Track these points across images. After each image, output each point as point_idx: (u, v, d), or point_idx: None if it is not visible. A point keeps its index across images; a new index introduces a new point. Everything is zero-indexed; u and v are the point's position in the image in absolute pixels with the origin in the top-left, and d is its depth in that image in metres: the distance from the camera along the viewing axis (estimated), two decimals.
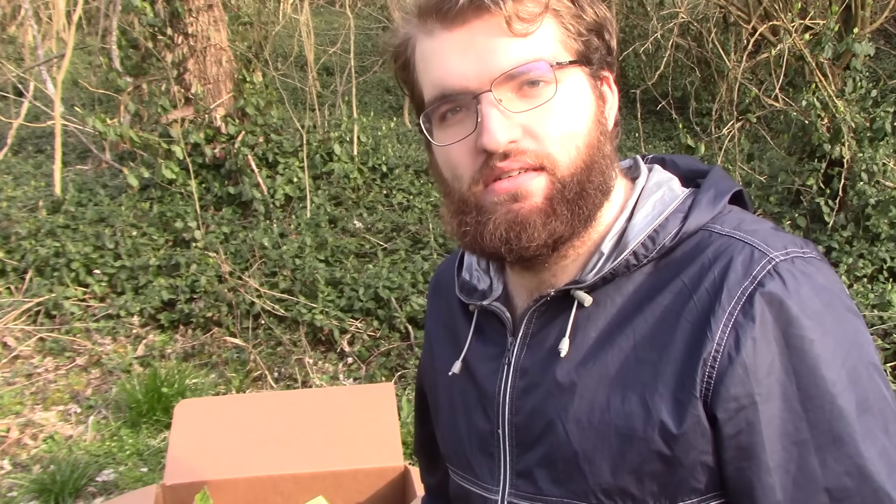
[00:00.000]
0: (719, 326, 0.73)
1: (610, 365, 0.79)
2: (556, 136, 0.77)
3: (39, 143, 7.24)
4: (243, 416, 1.92)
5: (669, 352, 0.75)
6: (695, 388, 0.73)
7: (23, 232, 4.80)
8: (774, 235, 0.78)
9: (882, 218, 4.60)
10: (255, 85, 5.68)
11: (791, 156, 5.22)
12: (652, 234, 0.79)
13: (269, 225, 5.08)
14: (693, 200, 0.81)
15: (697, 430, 0.74)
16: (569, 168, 0.78)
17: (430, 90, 0.80)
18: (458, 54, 0.77)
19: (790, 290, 0.73)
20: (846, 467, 0.71)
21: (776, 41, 5.23)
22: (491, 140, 0.75)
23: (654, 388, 0.76)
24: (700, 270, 0.76)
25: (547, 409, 0.82)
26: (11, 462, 3.34)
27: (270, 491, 1.70)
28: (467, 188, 0.80)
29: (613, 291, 0.80)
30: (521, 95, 0.77)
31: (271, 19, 8.58)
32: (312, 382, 3.82)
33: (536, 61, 0.76)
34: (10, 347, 4.11)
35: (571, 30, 0.79)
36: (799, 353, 0.72)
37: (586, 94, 0.81)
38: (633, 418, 0.76)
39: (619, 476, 0.78)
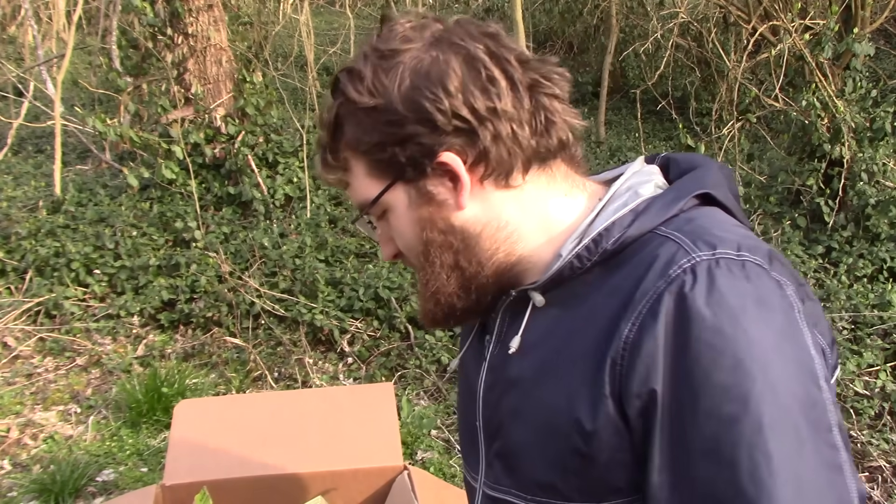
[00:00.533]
0: (627, 325, 0.73)
1: (546, 362, 0.81)
2: (404, 248, 0.89)
3: (39, 143, 7.24)
4: (243, 416, 1.92)
5: (588, 350, 0.76)
6: (604, 387, 0.74)
7: (23, 232, 4.80)
8: (712, 235, 0.75)
9: (882, 218, 4.60)
10: (255, 85, 5.68)
11: (791, 156, 5.22)
12: (596, 237, 0.80)
13: (269, 225, 5.08)
14: (647, 204, 0.81)
15: (610, 428, 0.74)
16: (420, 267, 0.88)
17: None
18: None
19: (698, 290, 0.70)
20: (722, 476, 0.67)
21: (776, 41, 5.23)
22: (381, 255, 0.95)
23: (576, 385, 0.77)
24: (630, 271, 0.76)
25: (502, 405, 0.86)
26: (11, 462, 3.34)
27: (270, 491, 1.70)
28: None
29: (565, 293, 0.82)
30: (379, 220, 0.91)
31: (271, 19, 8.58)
32: (312, 382, 3.82)
33: (360, 206, 0.88)
34: (10, 347, 4.12)
35: (375, 157, 0.83)
36: (694, 354, 0.69)
37: (406, 212, 0.86)
38: (557, 414, 0.78)
39: (548, 470, 0.80)
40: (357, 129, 0.82)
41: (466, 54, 0.80)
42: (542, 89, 0.82)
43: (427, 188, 0.83)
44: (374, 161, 0.83)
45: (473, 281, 0.86)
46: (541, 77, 0.82)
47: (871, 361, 3.59)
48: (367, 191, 0.85)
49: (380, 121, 0.81)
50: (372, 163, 0.83)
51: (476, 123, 0.79)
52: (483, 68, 0.80)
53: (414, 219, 0.85)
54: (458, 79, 0.79)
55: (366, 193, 0.85)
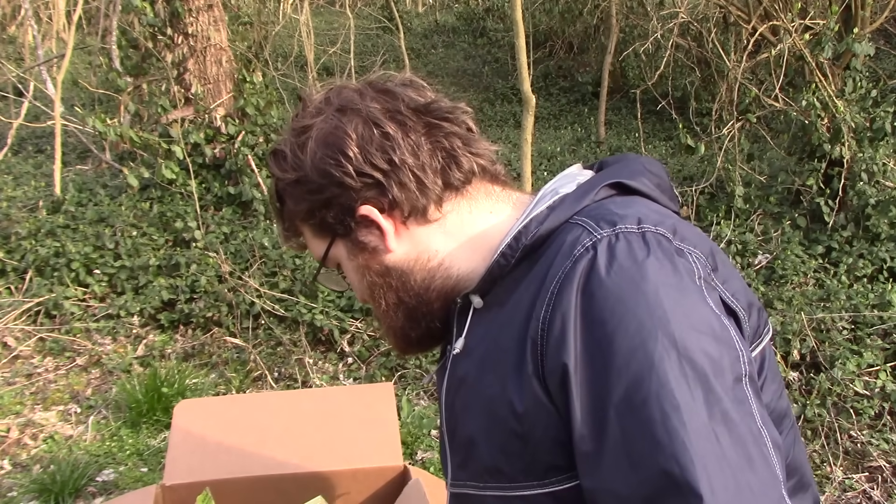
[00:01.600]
0: (542, 306, 0.78)
1: (484, 356, 0.87)
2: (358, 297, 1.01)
3: (39, 143, 7.25)
4: (243, 416, 1.92)
5: (514, 337, 0.81)
6: (528, 367, 0.79)
7: (23, 232, 4.80)
8: (615, 214, 0.80)
9: (882, 218, 4.60)
10: (255, 85, 5.68)
11: (791, 156, 5.23)
12: (516, 235, 0.86)
13: (269, 225, 5.08)
14: (562, 199, 0.87)
15: (539, 407, 0.78)
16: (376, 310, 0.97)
17: None
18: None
19: (599, 263, 0.75)
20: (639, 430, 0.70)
21: (776, 41, 5.23)
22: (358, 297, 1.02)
23: (507, 371, 0.81)
24: (545, 260, 0.82)
25: (455, 404, 0.92)
26: (11, 462, 3.34)
27: (270, 491, 1.70)
28: None
29: (500, 291, 0.88)
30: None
31: (271, 19, 8.59)
32: (312, 382, 3.82)
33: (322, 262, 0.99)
34: (10, 347, 4.12)
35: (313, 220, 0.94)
36: (599, 323, 0.74)
37: (348, 263, 0.97)
38: (495, 401, 0.83)
39: (493, 456, 0.84)
40: (291, 201, 0.95)
41: (364, 117, 0.90)
42: (439, 131, 0.91)
43: (359, 239, 0.94)
44: (312, 225, 0.95)
45: (418, 311, 0.95)
46: (437, 120, 0.92)
47: (871, 361, 3.59)
48: (317, 250, 0.98)
49: (304, 191, 0.93)
50: (312, 227, 0.96)
51: (380, 177, 0.89)
52: (377, 127, 0.89)
53: (355, 267, 0.96)
54: (355, 142, 0.89)
55: (318, 252, 0.98)
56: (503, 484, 0.85)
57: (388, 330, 0.98)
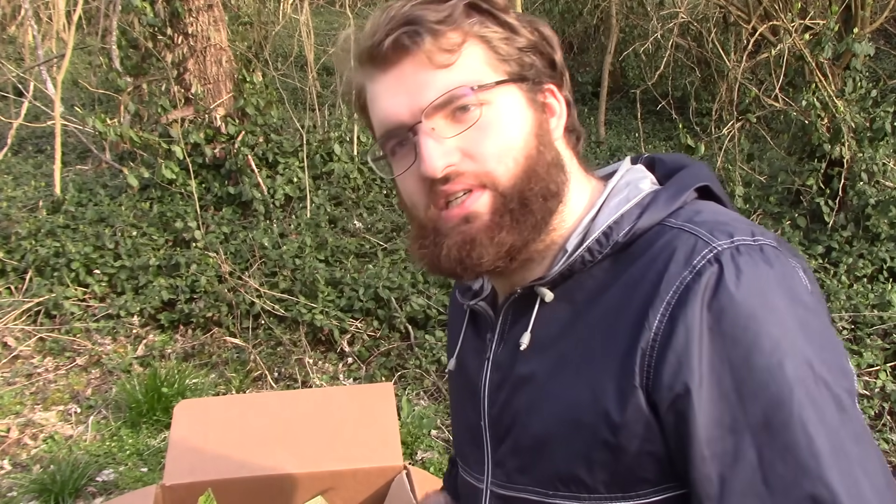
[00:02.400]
0: (656, 316, 0.74)
1: (564, 357, 0.82)
2: (491, 152, 0.81)
3: (39, 143, 7.25)
4: (243, 416, 1.92)
5: (615, 342, 0.77)
6: (634, 378, 0.75)
7: (23, 232, 4.80)
8: (726, 225, 0.78)
9: (882, 218, 4.60)
10: (255, 85, 5.68)
11: (791, 156, 5.22)
12: (606, 230, 0.82)
13: (269, 225, 5.08)
14: (652, 198, 0.83)
15: (639, 419, 0.75)
16: (508, 181, 0.82)
17: (378, 128, 0.87)
18: (391, 93, 0.83)
19: (727, 278, 0.72)
20: (780, 456, 0.69)
21: (776, 41, 5.23)
22: (428, 167, 0.80)
23: (601, 377, 0.78)
24: (647, 263, 0.78)
25: (513, 402, 0.87)
26: (11, 462, 3.34)
27: (270, 491, 1.70)
28: (423, 213, 0.85)
29: (574, 287, 0.84)
30: (453, 121, 0.81)
31: (271, 19, 8.58)
32: (312, 382, 3.82)
33: (458, 87, 0.80)
34: (10, 347, 4.12)
35: (501, 52, 0.83)
36: (731, 340, 0.71)
37: (520, 108, 0.84)
38: (582, 407, 0.79)
39: (571, 464, 0.80)
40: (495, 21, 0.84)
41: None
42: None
43: (540, 99, 0.87)
44: (499, 54, 0.84)
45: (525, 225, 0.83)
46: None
47: (871, 361, 3.59)
48: (476, 76, 0.82)
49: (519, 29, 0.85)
50: (495, 54, 0.84)
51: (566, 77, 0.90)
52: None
53: (526, 118, 0.84)
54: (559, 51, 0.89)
55: (474, 77, 0.81)
56: (579, 493, 0.80)
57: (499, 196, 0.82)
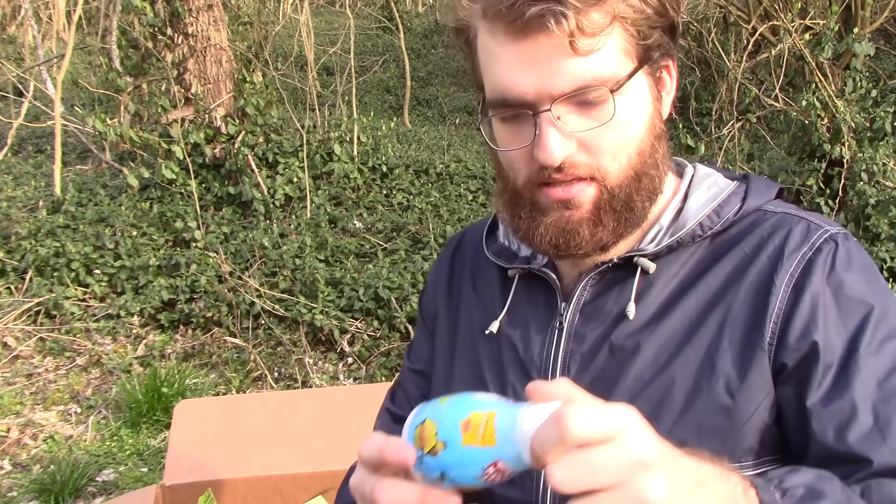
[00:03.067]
0: (781, 286, 0.80)
1: (673, 326, 0.84)
2: (609, 148, 0.80)
3: (39, 143, 7.25)
4: (243, 416, 1.92)
5: (733, 311, 0.82)
6: (762, 342, 0.79)
7: (23, 232, 4.80)
8: (820, 217, 0.87)
9: (882, 218, 4.60)
10: (255, 85, 5.68)
11: (791, 156, 5.23)
12: (717, 208, 0.86)
13: (269, 225, 5.08)
14: (748, 187, 0.89)
15: (761, 383, 0.79)
16: (618, 178, 0.81)
17: (492, 91, 0.81)
18: (520, 67, 0.77)
19: (843, 255, 0.82)
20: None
21: (776, 41, 5.23)
22: (547, 156, 0.78)
23: (719, 344, 0.81)
24: (759, 241, 0.84)
25: (608, 370, 0.85)
26: (11, 462, 3.34)
27: (270, 491, 1.70)
28: (522, 184, 0.84)
29: (673, 261, 0.86)
30: (579, 112, 0.78)
31: (271, 19, 8.59)
32: (312, 382, 3.82)
33: (593, 81, 0.76)
34: (10, 347, 4.11)
35: (638, 32, 0.78)
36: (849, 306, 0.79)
37: (644, 100, 0.81)
38: (698, 372, 0.81)
39: (680, 430, 0.80)
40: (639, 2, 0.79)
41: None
42: None
43: (658, 79, 0.84)
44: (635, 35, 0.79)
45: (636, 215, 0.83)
46: None
47: None
48: (612, 67, 0.77)
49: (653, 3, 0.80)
50: (631, 37, 0.78)
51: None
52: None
53: (647, 110, 0.82)
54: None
55: (610, 69, 0.77)
56: None
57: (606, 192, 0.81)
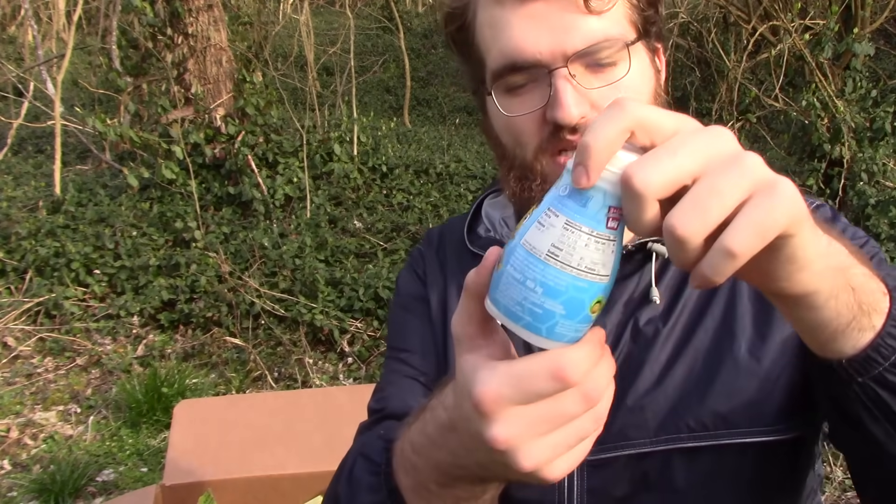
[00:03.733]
0: None
1: (687, 303, 0.84)
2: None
3: (39, 143, 7.24)
4: (243, 416, 1.92)
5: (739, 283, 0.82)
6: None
7: (23, 232, 4.79)
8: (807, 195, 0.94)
9: (882, 218, 4.60)
10: (255, 85, 5.68)
11: (791, 156, 5.23)
12: None
13: (269, 225, 5.08)
14: None
15: (784, 344, 0.79)
16: None
17: (499, 59, 0.80)
18: (532, 27, 0.77)
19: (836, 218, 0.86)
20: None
21: (776, 41, 5.23)
22: (565, 114, 0.76)
23: (734, 312, 0.81)
24: None
25: (632, 356, 0.83)
26: (11, 462, 3.34)
27: (270, 491, 1.69)
28: (532, 156, 0.82)
29: None
30: (592, 72, 0.79)
31: (271, 19, 8.59)
32: (312, 382, 3.82)
33: (611, 40, 0.78)
34: (10, 347, 4.11)
35: (637, 4, 0.81)
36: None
37: (648, 69, 0.83)
38: (719, 342, 0.80)
39: (710, 400, 0.79)
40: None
41: None
42: None
43: (655, 58, 0.86)
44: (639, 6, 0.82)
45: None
46: None
47: None
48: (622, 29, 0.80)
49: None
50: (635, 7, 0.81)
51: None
52: None
53: (651, 79, 0.84)
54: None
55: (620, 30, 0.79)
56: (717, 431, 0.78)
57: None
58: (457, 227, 1.02)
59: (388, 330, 1.07)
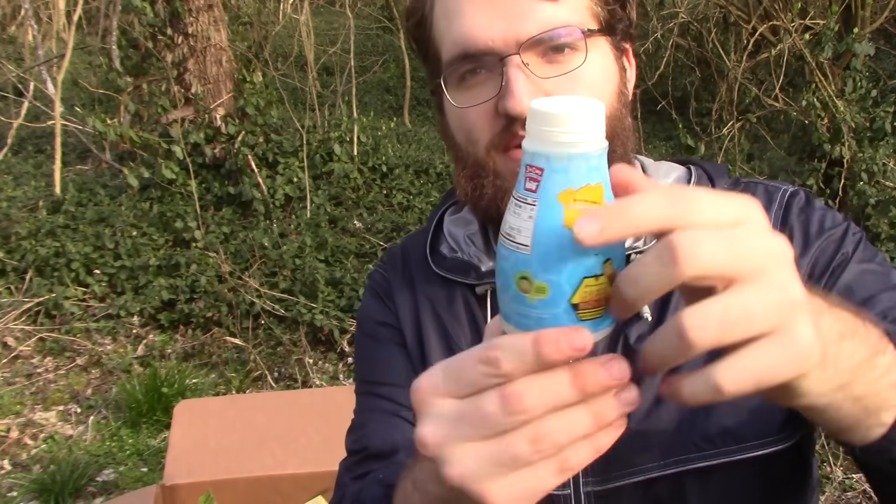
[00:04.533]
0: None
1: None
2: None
3: (39, 143, 7.24)
4: (243, 416, 1.93)
5: None
6: None
7: (23, 232, 4.79)
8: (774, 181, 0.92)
9: (882, 218, 4.60)
10: (255, 85, 5.68)
11: (791, 156, 5.23)
12: None
13: (269, 225, 5.08)
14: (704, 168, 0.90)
15: None
16: None
17: (451, 48, 0.77)
18: (484, 14, 0.74)
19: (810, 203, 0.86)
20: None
21: (776, 41, 5.23)
22: (517, 104, 0.72)
23: None
24: None
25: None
26: (11, 462, 3.34)
27: (270, 491, 1.70)
28: (484, 152, 0.78)
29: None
30: (547, 61, 0.75)
31: (271, 19, 8.59)
32: (312, 382, 3.82)
33: (568, 27, 0.74)
34: (10, 347, 4.11)
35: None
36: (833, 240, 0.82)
37: (610, 64, 0.80)
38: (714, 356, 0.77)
39: (715, 417, 0.75)
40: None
41: None
42: None
43: (622, 57, 0.83)
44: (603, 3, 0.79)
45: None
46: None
47: None
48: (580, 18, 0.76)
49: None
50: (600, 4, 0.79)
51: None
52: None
53: (614, 75, 0.80)
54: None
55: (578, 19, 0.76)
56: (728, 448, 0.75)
57: None
58: (418, 246, 0.94)
59: (356, 364, 0.99)
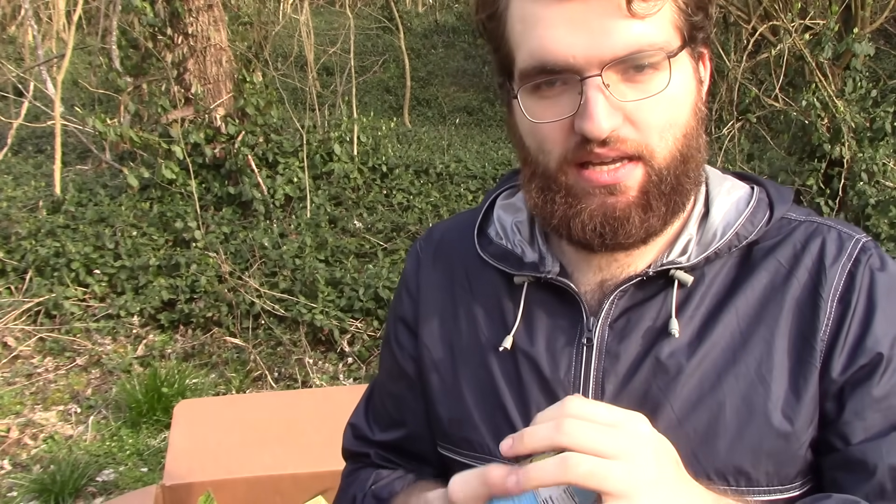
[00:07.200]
0: (828, 301, 0.77)
1: (718, 342, 0.78)
2: (657, 124, 0.74)
3: (39, 143, 7.25)
4: (243, 416, 1.92)
5: (780, 327, 0.77)
6: (814, 359, 0.76)
7: (23, 232, 4.80)
8: (842, 223, 0.84)
9: (882, 218, 4.60)
10: (255, 85, 5.68)
11: (791, 156, 5.23)
12: (750, 217, 0.81)
13: (269, 225, 5.08)
14: (768, 192, 0.85)
15: (814, 402, 0.76)
16: (665, 159, 0.75)
17: (528, 59, 0.74)
18: (567, 28, 0.71)
19: (882, 264, 0.79)
20: None
21: (776, 41, 5.23)
22: (594, 128, 0.71)
23: (770, 363, 0.77)
24: (794, 252, 0.80)
25: (651, 391, 0.78)
26: (11, 462, 3.34)
27: (270, 491, 1.70)
28: (556, 166, 0.76)
29: (706, 272, 0.81)
30: (627, 80, 0.72)
31: (271, 19, 8.59)
32: (312, 382, 3.82)
33: (653, 48, 0.71)
34: (10, 347, 4.12)
35: (685, 7, 0.74)
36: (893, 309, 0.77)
37: (690, 80, 0.77)
38: (750, 394, 0.76)
39: (735, 455, 0.76)
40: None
41: None
42: None
43: (699, 65, 0.79)
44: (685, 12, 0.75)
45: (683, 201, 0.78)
46: None
47: None
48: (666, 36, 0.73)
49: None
50: (682, 12, 0.74)
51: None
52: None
53: (693, 91, 0.77)
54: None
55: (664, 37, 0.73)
56: (740, 487, 0.76)
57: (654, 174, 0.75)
58: (465, 228, 0.93)
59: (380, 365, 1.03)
